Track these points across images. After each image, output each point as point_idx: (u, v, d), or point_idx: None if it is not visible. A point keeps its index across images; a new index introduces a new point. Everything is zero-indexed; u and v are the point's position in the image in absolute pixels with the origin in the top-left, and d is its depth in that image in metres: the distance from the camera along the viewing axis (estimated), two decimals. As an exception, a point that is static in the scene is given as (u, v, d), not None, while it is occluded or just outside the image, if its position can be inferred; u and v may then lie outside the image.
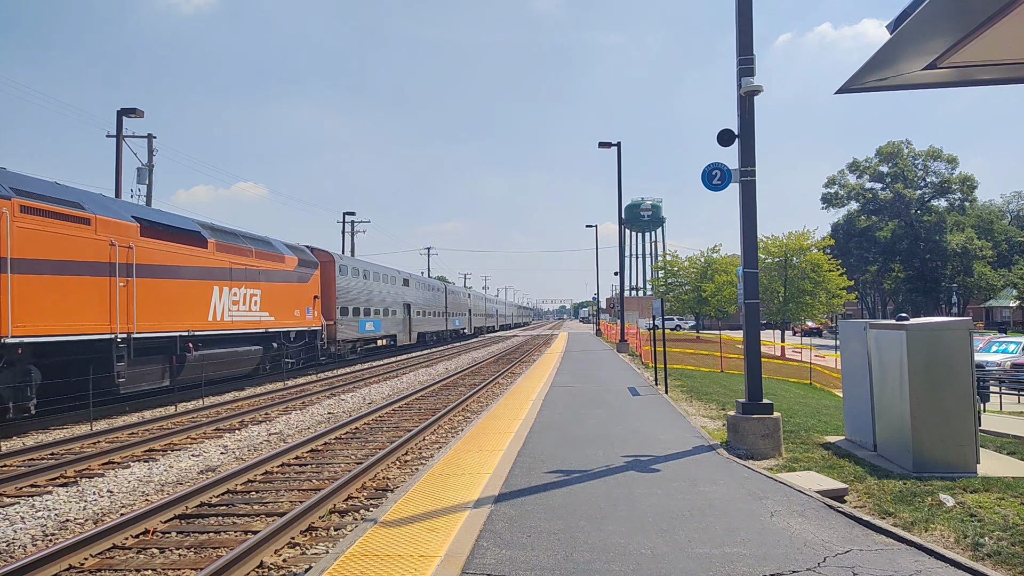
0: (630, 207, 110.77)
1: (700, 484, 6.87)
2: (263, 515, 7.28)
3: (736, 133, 8.91)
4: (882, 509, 6.16)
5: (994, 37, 5.44)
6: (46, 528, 7.01)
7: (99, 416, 14.23)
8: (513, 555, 4.93)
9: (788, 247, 41.72)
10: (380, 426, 12.96)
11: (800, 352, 29.42)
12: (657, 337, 16.70)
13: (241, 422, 13.75)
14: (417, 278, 43.32)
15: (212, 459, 10.27)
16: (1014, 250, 68.03)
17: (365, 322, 30.79)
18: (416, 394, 17.41)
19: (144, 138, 29.96)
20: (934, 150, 69.26)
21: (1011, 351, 24.01)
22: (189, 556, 6.12)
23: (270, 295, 21.33)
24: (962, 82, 7.01)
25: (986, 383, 18.24)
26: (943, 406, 7.17)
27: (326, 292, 26.53)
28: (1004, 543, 5.15)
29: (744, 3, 8.89)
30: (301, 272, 23.91)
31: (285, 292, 22.56)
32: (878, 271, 70.30)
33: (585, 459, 8.15)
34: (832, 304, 42.62)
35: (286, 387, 20.11)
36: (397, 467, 9.51)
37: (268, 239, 23.03)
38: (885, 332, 7.88)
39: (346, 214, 51.98)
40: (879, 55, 5.88)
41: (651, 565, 4.71)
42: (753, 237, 9.05)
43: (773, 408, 8.72)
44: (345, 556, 4.96)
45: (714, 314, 53.10)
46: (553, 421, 11.07)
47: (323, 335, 25.79)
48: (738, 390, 15.35)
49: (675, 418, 11.41)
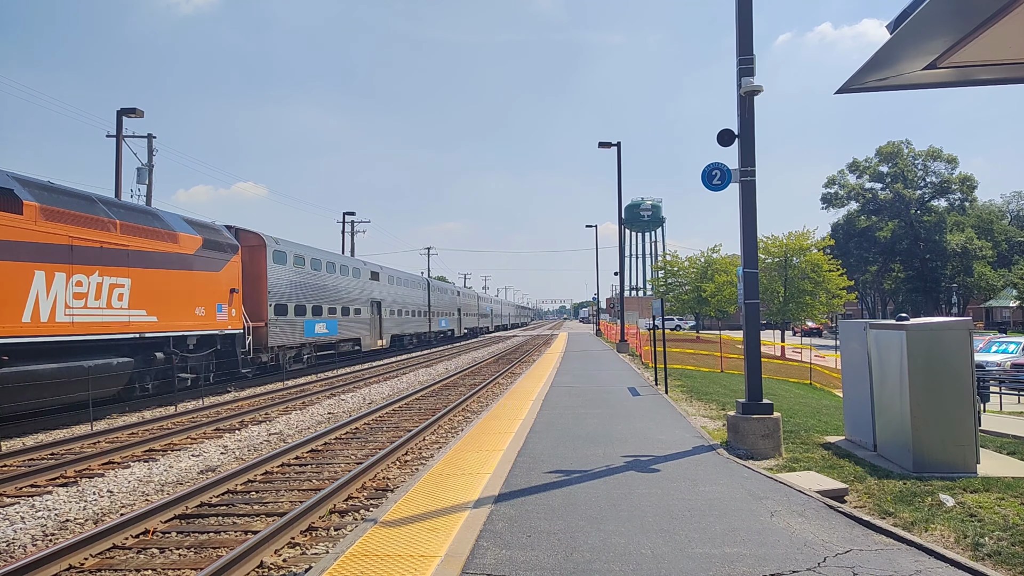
0: (630, 207, 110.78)
1: (700, 484, 6.87)
2: (263, 515, 7.28)
3: (736, 133, 8.91)
4: (882, 509, 6.16)
5: (994, 37, 5.44)
6: (46, 528, 7.01)
7: (99, 416, 14.23)
8: (513, 555, 4.93)
9: (788, 247, 41.71)
10: (380, 426, 12.96)
11: (800, 352, 29.42)
12: (657, 337, 16.70)
13: (241, 422, 13.75)
14: (390, 271, 37.75)
15: (212, 459, 10.27)
16: (1014, 250, 68.09)
17: (315, 323, 25.32)
18: (416, 394, 17.41)
19: (144, 138, 29.98)
20: (934, 150, 69.30)
21: (1011, 351, 24.02)
22: (189, 556, 6.12)
23: (149, 286, 15.79)
24: (962, 82, 7.01)
25: (986, 383, 18.23)
26: (943, 406, 7.17)
27: (254, 285, 21.19)
28: (1004, 543, 5.15)
29: (744, 3, 8.89)
30: (208, 257, 18.08)
31: (178, 283, 16.93)
32: (878, 271, 70.31)
33: (585, 459, 8.15)
34: (832, 304, 42.62)
35: (286, 387, 20.10)
36: (397, 467, 9.51)
37: (151, 210, 18.21)
38: (885, 332, 7.87)
39: (346, 214, 51.98)
40: (879, 55, 5.88)
41: (651, 565, 4.71)
42: (753, 237, 9.04)
43: (773, 408, 8.71)
44: (345, 556, 4.96)
45: (714, 314, 53.07)
46: (553, 421, 11.07)
47: (247, 340, 20.09)
48: (738, 390, 15.35)
49: (675, 418, 11.41)
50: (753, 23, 8.91)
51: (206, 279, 18.10)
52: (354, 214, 52.33)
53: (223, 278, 18.98)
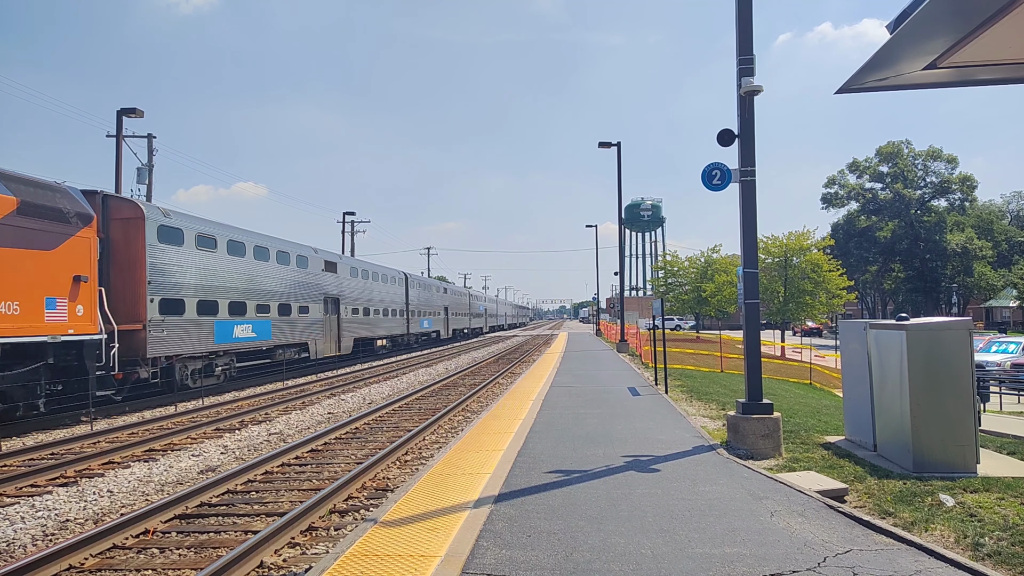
0: (630, 207, 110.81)
1: (700, 484, 6.87)
2: (263, 515, 7.28)
3: (736, 133, 8.91)
4: (882, 509, 6.16)
5: (994, 37, 5.44)
6: (46, 528, 7.02)
7: (99, 416, 14.23)
8: (513, 555, 4.93)
9: (788, 247, 41.71)
10: (380, 426, 12.96)
11: (800, 352, 29.43)
12: (657, 337, 16.70)
13: (241, 422, 13.75)
14: (353, 262, 31.58)
15: (212, 459, 10.27)
16: (1014, 250, 68.08)
17: (233, 325, 19.81)
18: (416, 394, 17.41)
19: (144, 138, 29.99)
20: (934, 150, 69.30)
21: (1011, 351, 24.02)
22: (189, 556, 6.12)
23: None
24: (962, 82, 7.01)
25: (986, 383, 18.24)
26: (943, 406, 7.17)
27: (127, 273, 15.97)
28: (1004, 543, 5.15)
29: (744, 3, 8.89)
30: (28, 228, 12.62)
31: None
32: (878, 271, 70.31)
33: (585, 459, 8.15)
34: (832, 304, 42.62)
35: (286, 387, 20.10)
36: (397, 467, 9.51)
37: None
38: (885, 332, 7.88)
39: (346, 214, 51.98)
40: (879, 55, 5.88)
41: (651, 565, 4.71)
42: (753, 237, 9.04)
43: (773, 408, 8.71)
44: (345, 556, 4.96)
45: (714, 314, 53.08)
46: (553, 421, 11.07)
47: (111, 349, 14.60)
48: (738, 390, 15.35)
49: (675, 418, 11.41)
50: (753, 23, 8.91)
51: (24, 261, 12.49)
52: (354, 214, 52.34)
53: (60, 260, 13.31)
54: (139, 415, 14.95)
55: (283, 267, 23.37)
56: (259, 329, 21.39)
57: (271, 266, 22.48)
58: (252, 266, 21.17)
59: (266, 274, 22.09)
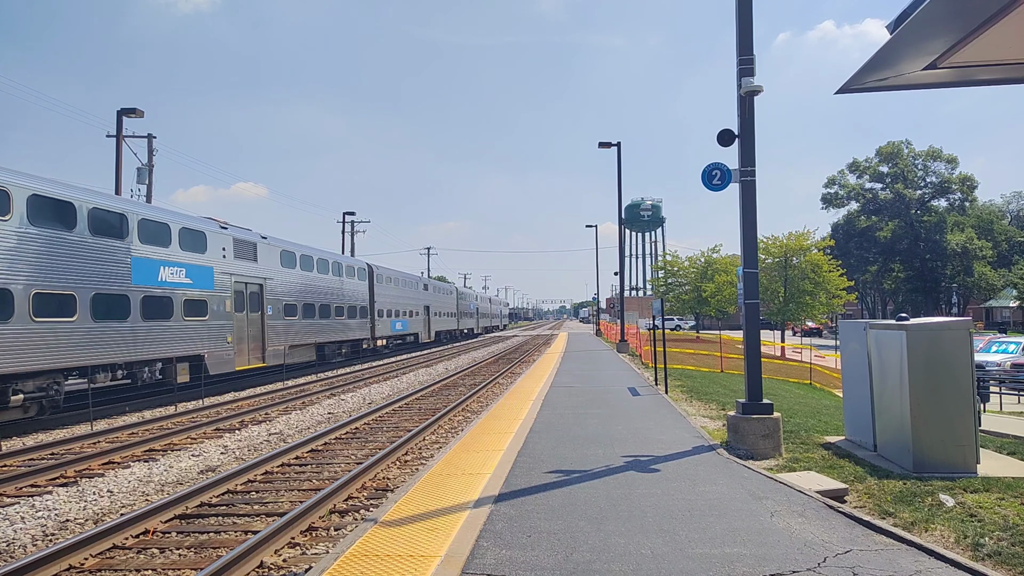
0: (630, 207, 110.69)
1: (700, 484, 6.87)
2: (263, 515, 7.28)
3: (736, 133, 8.91)
4: (882, 509, 6.16)
5: (994, 37, 5.43)
6: (46, 528, 7.02)
7: (99, 416, 14.23)
8: (513, 555, 4.93)
9: (788, 247, 41.71)
10: (380, 426, 12.96)
11: (800, 352, 29.43)
12: (657, 337, 16.70)
13: (241, 422, 13.75)
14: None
15: (212, 459, 10.27)
16: (1014, 250, 68.02)
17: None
18: (416, 394, 17.41)
19: (144, 138, 29.97)
20: (934, 150, 69.32)
21: (1011, 351, 24.02)
22: (189, 556, 6.12)
23: None
24: (962, 82, 7.01)
25: (986, 383, 18.23)
26: (943, 406, 7.17)
27: None
28: (1004, 543, 5.15)
29: (744, 3, 8.89)
30: None
31: None
32: (878, 271, 70.30)
33: (585, 459, 8.15)
34: (832, 304, 42.62)
35: (286, 387, 20.10)
36: (397, 467, 9.51)
37: None
38: (885, 332, 7.87)
39: (346, 214, 51.90)
40: (879, 55, 5.88)
41: (651, 565, 4.71)
42: (753, 237, 9.04)
43: (773, 408, 8.71)
44: (345, 556, 4.96)
45: (714, 314, 53.08)
46: (553, 421, 11.07)
47: None
48: (738, 390, 15.35)
49: (675, 418, 11.41)
50: (753, 23, 8.91)
51: None
52: (354, 214, 52.19)
53: None
54: (139, 415, 14.95)
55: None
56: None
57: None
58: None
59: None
